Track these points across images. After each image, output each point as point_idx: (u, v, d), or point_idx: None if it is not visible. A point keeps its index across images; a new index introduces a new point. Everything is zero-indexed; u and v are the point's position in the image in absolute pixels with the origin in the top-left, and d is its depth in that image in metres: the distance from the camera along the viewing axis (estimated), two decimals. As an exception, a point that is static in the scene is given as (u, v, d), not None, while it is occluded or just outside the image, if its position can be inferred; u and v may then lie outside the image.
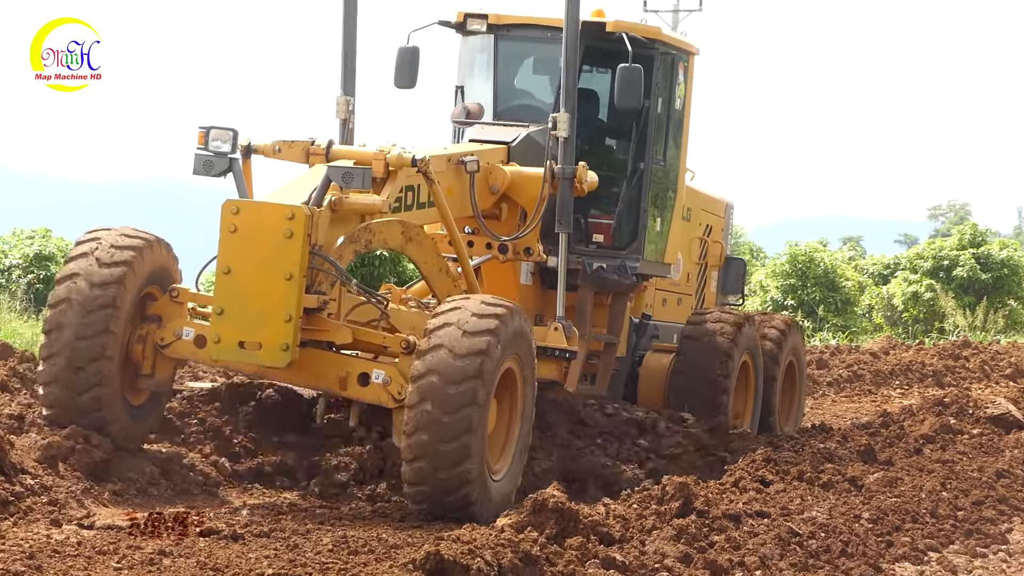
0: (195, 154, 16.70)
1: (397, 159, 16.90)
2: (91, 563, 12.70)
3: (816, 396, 29.86)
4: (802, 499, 15.11)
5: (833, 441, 19.07)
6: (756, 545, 12.69)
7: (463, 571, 10.61)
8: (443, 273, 17.66)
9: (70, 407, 16.09)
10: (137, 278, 16.25)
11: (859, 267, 49.84)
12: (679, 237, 21.71)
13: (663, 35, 20.86)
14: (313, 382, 16.57)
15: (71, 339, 15.99)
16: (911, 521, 14.64)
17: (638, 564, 11.81)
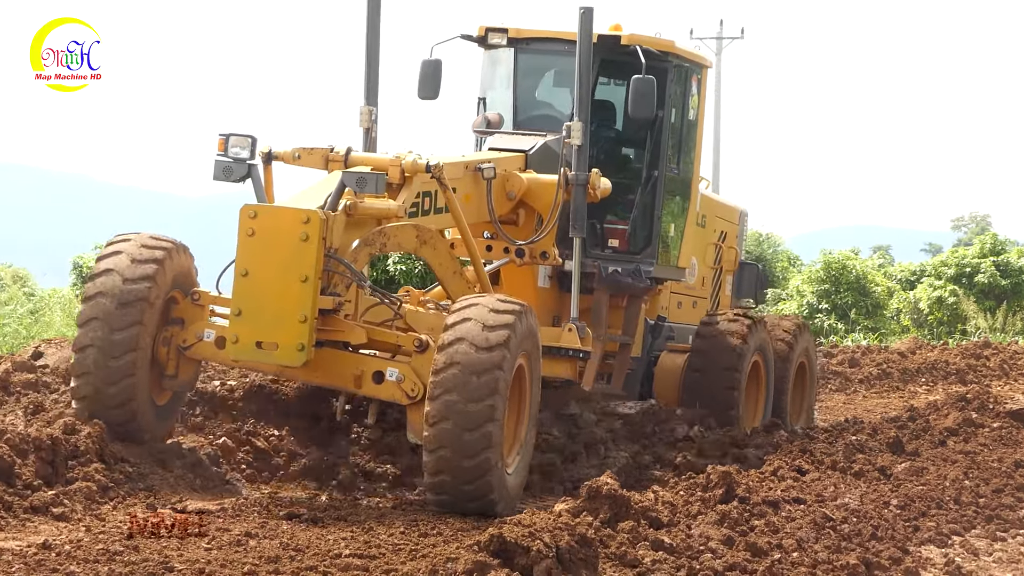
0: (215, 160, 16.16)
1: (412, 165, 16.34)
2: (183, 543, 12.76)
3: (848, 392, 29.78)
4: (835, 487, 15.07)
5: (864, 433, 18.98)
6: (793, 529, 12.66)
7: (524, 552, 10.59)
8: (457, 275, 17.10)
9: (102, 397, 15.46)
10: (166, 277, 15.73)
11: (888, 273, 49.65)
12: (693, 242, 21.10)
13: (676, 48, 20.12)
14: (329, 381, 15.88)
15: (105, 331, 15.40)
16: (936, 507, 14.60)
17: (685, 546, 11.80)
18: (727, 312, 20.70)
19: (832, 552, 12.04)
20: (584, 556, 10.69)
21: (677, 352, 20.35)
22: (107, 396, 15.42)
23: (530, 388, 15.74)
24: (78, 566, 11.70)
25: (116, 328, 15.38)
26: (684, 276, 20.96)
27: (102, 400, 15.42)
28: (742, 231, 22.97)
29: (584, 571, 10.59)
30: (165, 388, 16.11)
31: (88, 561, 11.92)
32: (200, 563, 11.93)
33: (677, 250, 20.50)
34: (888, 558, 12.37)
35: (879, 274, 47.97)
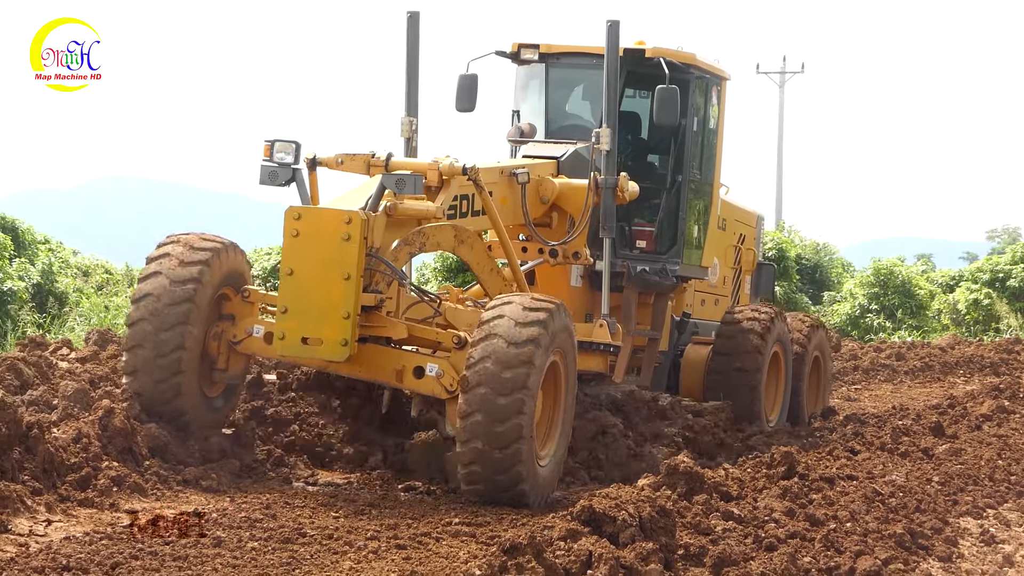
0: (261, 165, 15.13)
1: (449, 168, 15.33)
2: (315, 512, 12.85)
3: (895, 382, 29.56)
4: (884, 465, 15.00)
5: (909, 419, 18.86)
6: (847, 502, 12.60)
7: (611, 521, 10.58)
8: (494, 273, 16.01)
9: (152, 394, 14.53)
10: (213, 277, 14.76)
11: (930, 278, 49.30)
12: (715, 244, 20.05)
13: (698, 60, 18.98)
14: (372, 375, 14.78)
15: (153, 331, 14.47)
16: (972, 484, 14.51)
17: (751, 517, 11.76)
18: (747, 308, 19.79)
19: (881, 523, 11.98)
20: (663, 525, 10.67)
21: (701, 346, 19.43)
22: (157, 393, 14.55)
23: (565, 383, 14.70)
24: (223, 531, 11.80)
25: (163, 328, 14.49)
26: (707, 275, 19.97)
27: (152, 396, 14.56)
28: (759, 234, 22.02)
29: (663, 538, 10.56)
30: (216, 381, 15.17)
31: (232, 527, 12.02)
32: (329, 529, 12.03)
33: (700, 250, 19.54)
34: (930, 528, 12.29)
35: (922, 279, 47.66)
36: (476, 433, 13.60)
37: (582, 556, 9.91)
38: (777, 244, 44.85)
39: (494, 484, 13.76)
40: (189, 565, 10.56)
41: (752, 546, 10.91)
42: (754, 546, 10.92)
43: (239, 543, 11.44)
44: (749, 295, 21.57)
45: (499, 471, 13.66)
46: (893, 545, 11.40)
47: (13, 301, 31.58)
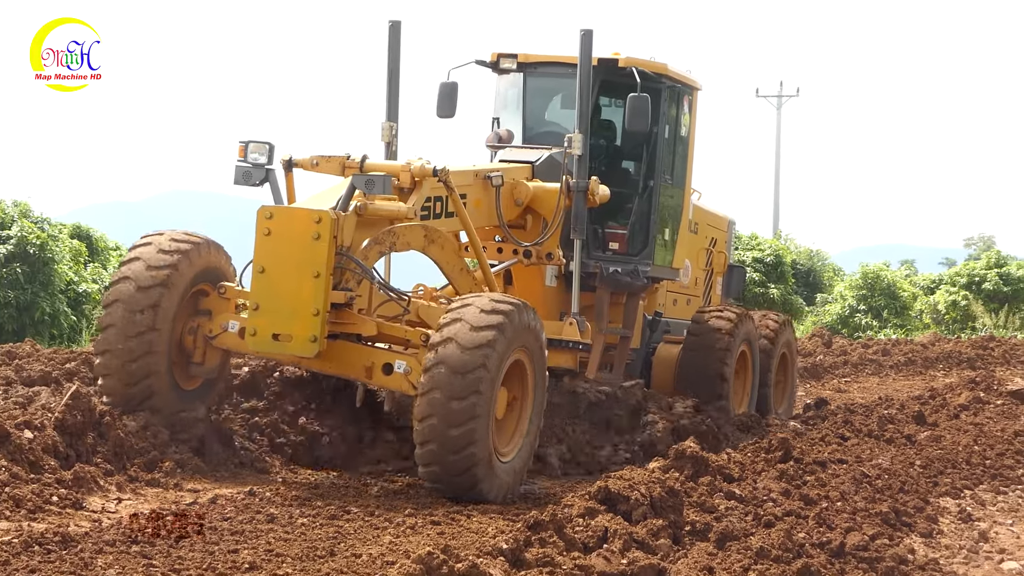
0: (235, 166, 14.15)
1: (420, 169, 14.32)
2: (357, 493, 12.87)
3: (881, 376, 29.48)
4: (871, 450, 14.96)
5: (893, 408, 18.80)
6: (837, 484, 12.59)
7: (625, 500, 10.59)
8: (464, 273, 14.93)
9: (122, 375, 13.53)
10: (183, 277, 13.74)
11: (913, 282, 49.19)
12: (686, 247, 19.02)
13: (669, 71, 17.94)
14: (342, 371, 13.80)
15: (121, 338, 13.51)
16: (951, 467, 14.49)
17: (751, 496, 11.76)
18: (716, 308, 18.87)
19: (868, 502, 11.97)
20: (672, 504, 10.69)
21: (672, 344, 18.45)
22: (126, 373, 13.55)
23: (532, 380, 13.68)
24: (276, 509, 11.82)
25: (129, 336, 13.52)
26: (678, 276, 18.95)
27: (122, 377, 13.57)
28: (730, 238, 20.95)
29: (672, 515, 10.58)
30: (193, 375, 14.12)
31: (283, 505, 12.04)
32: (371, 507, 12.08)
33: (671, 253, 18.52)
34: (913, 507, 12.29)
35: (906, 282, 47.54)
36: (431, 436, 12.70)
37: (599, 531, 9.94)
38: (775, 251, 44.70)
39: (452, 484, 12.91)
40: (245, 539, 10.57)
41: (752, 523, 10.91)
42: (754, 523, 10.91)
43: (290, 519, 11.48)
44: (720, 295, 20.64)
45: (455, 473, 12.80)
46: (879, 522, 11.39)
47: (87, 302, 31.68)
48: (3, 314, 29.96)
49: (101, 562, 9.49)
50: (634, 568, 9.41)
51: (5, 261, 30.25)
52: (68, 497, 11.42)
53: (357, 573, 9.62)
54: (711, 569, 9.56)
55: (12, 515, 10.72)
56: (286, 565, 9.71)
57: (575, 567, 9.18)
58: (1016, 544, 11.96)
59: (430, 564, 8.45)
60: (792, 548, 10.01)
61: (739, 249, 43.73)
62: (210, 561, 9.68)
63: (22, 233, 30.46)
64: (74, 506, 11.32)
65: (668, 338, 18.66)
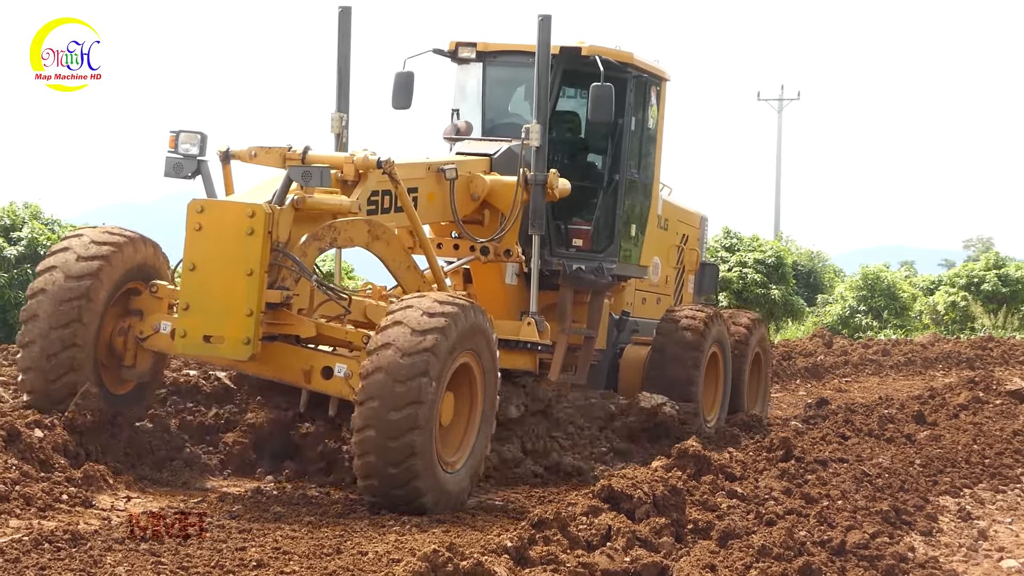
0: (166, 157, 13.04)
1: (363, 161, 13.26)
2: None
3: (881, 375, 29.46)
4: (871, 449, 14.93)
5: (894, 408, 18.77)
6: (838, 482, 12.55)
7: (628, 499, 10.56)
8: (411, 270, 13.75)
9: (46, 392, 12.50)
10: (114, 272, 12.72)
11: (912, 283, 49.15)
12: (656, 244, 18.01)
13: (635, 60, 16.92)
14: (279, 375, 12.72)
15: (45, 329, 12.46)
16: (950, 466, 14.44)
17: (753, 495, 11.72)
18: (686, 307, 17.83)
19: (869, 500, 11.94)
20: (675, 502, 10.65)
21: (641, 345, 17.45)
22: (51, 392, 12.52)
23: (481, 385, 12.66)
24: (283, 507, 11.83)
25: (54, 326, 12.48)
26: (646, 274, 17.98)
27: (47, 395, 12.53)
28: (703, 235, 19.85)
29: (675, 514, 10.54)
30: (124, 378, 13.07)
31: (290, 503, 12.04)
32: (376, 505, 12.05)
33: (639, 250, 17.54)
34: (913, 506, 12.25)
35: (905, 283, 47.50)
36: (369, 448, 11.67)
37: (602, 530, 9.93)
38: (776, 252, 44.60)
39: (392, 497, 11.85)
40: (253, 536, 10.55)
41: (754, 521, 10.87)
42: (755, 521, 10.87)
43: (297, 517, 11.46)
44: (692, 294, 19.57)
45: (395, 486, 11.76)
46: (880, 521, 11.35)
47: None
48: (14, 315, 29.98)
49: (110, 560, 9.45)
50: (637, 566, 9.38)
51: (16, 262, 30.19)
52: (78, 495, 11.39)
53: (363, 571, 9.57)
54: (713, 567, 9.54)
55: (22, 513, 10.68)
56: (293, 563, 9.68)
57: (579, 565, 9.15)
58: (1015, 542, 11.91)
59: (435, 562, 8.44)
60: (793, 546, 9.98)
61: (740, 251, 43.65)
62: (218, 559, 9.65)
63: (33, 235, 30.41)
64: (83, 504, 11.28)
65: (636, 339, 17.73)
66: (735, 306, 40.94)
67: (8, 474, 11.17)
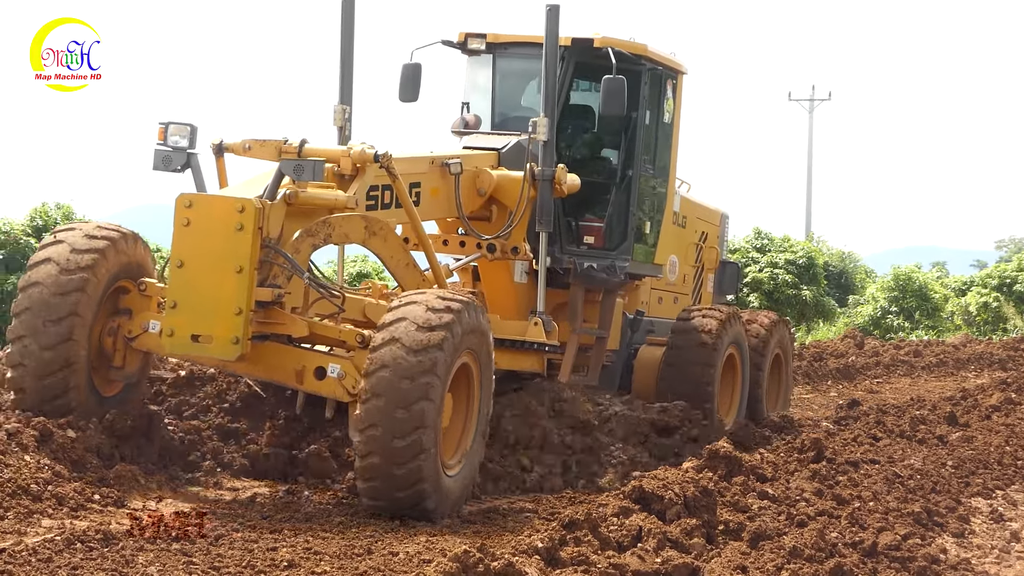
0: (155, 149, 12.53)
1: (360, 154, 12.68)
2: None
3: (913, 376, 29.33)
4: (903, 450, 14.86)
5: (925, 409, 18.67)
6: (870, 484, 12.50)
7: (659, 500, 10.53)
8: (409, 268, 13.12)
9: (37, 389, 11.89)
10: (109, 267, 12.15)
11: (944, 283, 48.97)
12: (672, 241, 17.38)
13: (649, 52, 16.26)
14: (270, 375, 12.21)
15: (40, 322, 11.84)
16: (983, 468, 14.36)
17: (784, 496, 11.69)
18: (702, 307, 17.24)
19: (900, 502, 11.89)
20: (706, 503, 10.62)
21: (656, 346, 16.74)
22: (42, 388, 11.91)
23: (479, 386, 12.19)
24: (314, 507, 11.84)
25: (49, 319, 11.85)
26: (662, 273, 17.30)
27: (38, 392, 11.91)
28: (723, 232, 19.14)
29: (705, 515, 10.50)
30: (113, 379, 12.49)
31: (321, 504, 12.04)
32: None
33: (654, 247, 16.90)
34: (945, 507, 12.19)
35: (937, 284, 47.34)
36: (374, 448, 11.20)
37: (633, 531, 9.89)
38: (807, 253, 44.48)
39: (395, 501, 11.39)
40: (284, 537, 10.55)
41: (785, 522, 10.84)
42: (787, 522, 10.84)
43: (327, 517, 11.45)
44: (712, 293, 18.88)
45: (400, 488, 11.30)
46: (911, 522, 11.30)
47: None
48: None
49: (142, 559, 9.43)
50: (668, 567, 9.35)
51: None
52: (109, 495, 11.40)
53: (394, 571, 9.55)
54: (744, 568, 9.51)
55: (55, 513, 10.64)
56: (324, 563, 9.67)
57: (609, 566, 9.11)
58: (1048, 544, 11.89)
59: (466, 562, 8.42)
60: (825, 548, 9.95)
61: (771, 252, 43.61)
62: (249, 559, 9.63)
63: (64, 235, 30.54)
64: (115, 504, 11.29)
65: (651, 339, 17.01)
66: (766, 307, 40.86)
67: (40, 474, 11.11)
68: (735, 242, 44.21)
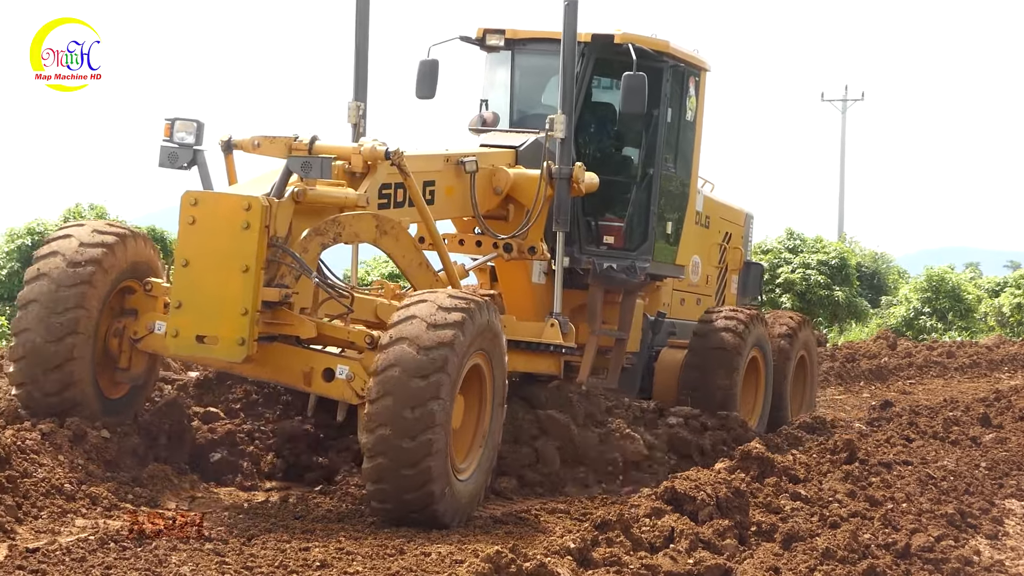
0: (160, 146, 12.14)
1: (370, 152, 12.27)
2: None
3: (946, 378, 29.26)
4: (936, 452, 14.78)
5: (959, 410, 18.57)
6: (903, 485, 12.45)
7: (691, 500, 10.51)
8: (422, 267, 12.71)
9: (40, 384, 11.49)
10: (117, 263, 11.76)
11: (978, 284, 48.90)
12: (695, 242, 16.97)
13: (671, 48, 15.84)
14: (278, 377, 11.81)
15: (44, 314, 11.44)
16: (1016, 469, 14.28)
17: (816, 497, 11.64)
18: (724, 308, 16.80)
19: (933, 503, 11.83)
20: (738, 504, 10.60)
21: (677, 348, 16.39)
22: (45, 383, 11.49)
23: (491, 388, 11.75)
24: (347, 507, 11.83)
25: (55, 312, 11.44)
26: (684, 273, 16.87)
27: (40, 387, 11.50)
28: (748, 233, 18.72)
29: (738, 516, 10.47)
30: (119, 381, 12.10)
31: (354, 503, 12.02)
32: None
33: (675, 247, 16.45)
34: (978, 509, 12.12)
35: (970, 285, 47.23)
36: (382, 449, 10.75)
37: (665, 531, 9.87)
38: (839, 253, 44.35)
39: (403, 504, 10.90)
40: (316, 537, 10.52)
41: (817, 524, 10.79)
42: (819, 524, 10.79)
43: (360, 517, 11.44)
44: (736, 295, 18.49)
45: (408, 490, 10.82)
46: (945, 524, 11.24)
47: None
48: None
49: (175, 559, 9.45)
50: (700, 568, 9.32)
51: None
52: (143, 495, 11.45)
53: (426, 571, 9.52)
54: (777, 569, 9.47)
55: (88, 512, 10.69)
56: (356, 563, 9.65)
57: (642, 567, 9.09)
58: (1082, 546, 11.82)
59: (499, 563, 8.41)
60: (858, 549, 9.90)
61: (804, 252, 43.52)
62: (281, 559, 9.63)
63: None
64: (148, 504, 11.33)
65: (673, 341, 16.64)
66: (798, 308, 40.79)
67: (74, 474, 11.18)
68: (767, 243, 44.17)
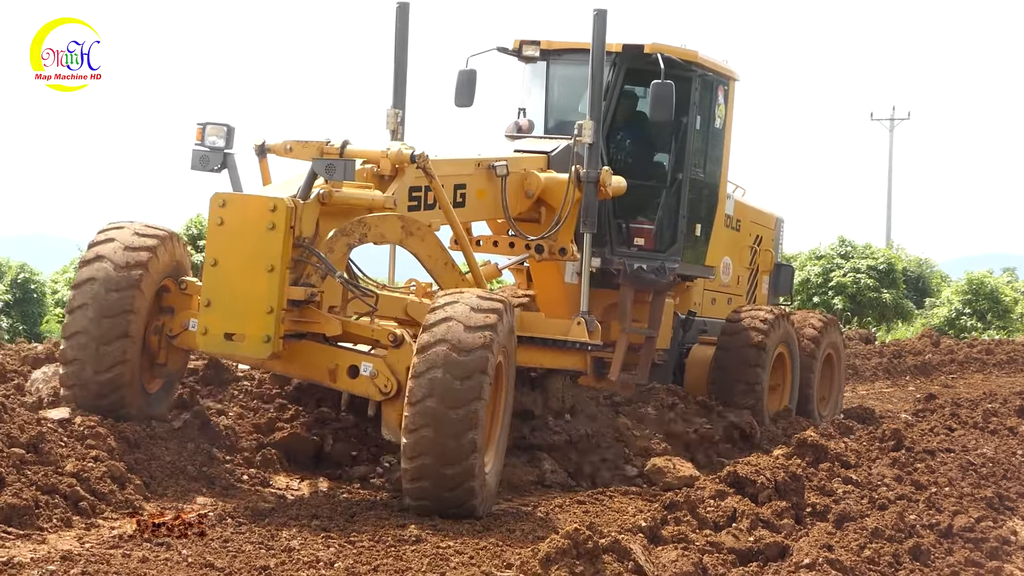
0: (192, 149, 11.58)
1: (396, 155, 11.70)
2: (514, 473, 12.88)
3: (985, 373, 29.09)
4: (976, 440, 14.67)
5: (997, 402, 18.40)
6: (945, 471, 12.38)
7: (751, 483, 10.53)
8: (448, 267, 12.01)
9: (91, 385, 11.01)
10: (159, 265, 11.27)
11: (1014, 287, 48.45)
12: (725, 244, 16.43)
13: (700, 58, 15.33)
14: (303, 374, 11.30)
15: (95, 318, 10.95)
16: (1051, 456, 14.24)
17: (866, 482, 11.61)
18: (752, 307, 16.25)
19: (974, 487, 11.77)
20: (794, 487, 10.61)
21: (708, 345, 15.86)
22: (97, 384, 11.02)
23: (505, 386, 11.18)
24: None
25: (106, 315, 10.97)
26: (713, 274, 16.31)
27: (91, 388, 11.02)
28: (778, 235, 18.09)
29: (794, 498, 10.49)
30: (156, 376, 11.60)
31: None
32: (521, 489, 12.05)
33: (704, 249, 15.91)
34: (1015, 492, 12.04)
35: (1008, 288, 46.72)
36: (425, 449, 10.19)
37: (728, 511, 9.93)
38: (887, 259, 44.04)
39: (442, 500, 10.37)
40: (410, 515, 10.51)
41: (867, 505, 10.77)
42: (869, 505, 10.77)
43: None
44: (767, 295, 17.85)
45: (449, 488, 10.31)
46: (984, 506, 11.19)
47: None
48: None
49: (285, 534, 9.58)
50: (760, 545, 9.36)
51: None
52: (256, 476, 11.60)
53: (511, 546, 9.64)
54: (830, 547, 9.46)
55: (208, 491, 10.88)
56: (448, 538, 9.72)
57: (707, 543, 9.16)
58: (1112, 527, 11.72)
59: (577, 539, 8.44)
60: (904, 528, 9.89)
61: (854, 258, 43.29)
62: (380, 535, 9.70)
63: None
64: (262, 484, 11.49)
65: (703, 339, 16.09)
66: (849, 309, 40.63)
67: (198, 456, 11.39)
68: (821, 249, 44.01)
